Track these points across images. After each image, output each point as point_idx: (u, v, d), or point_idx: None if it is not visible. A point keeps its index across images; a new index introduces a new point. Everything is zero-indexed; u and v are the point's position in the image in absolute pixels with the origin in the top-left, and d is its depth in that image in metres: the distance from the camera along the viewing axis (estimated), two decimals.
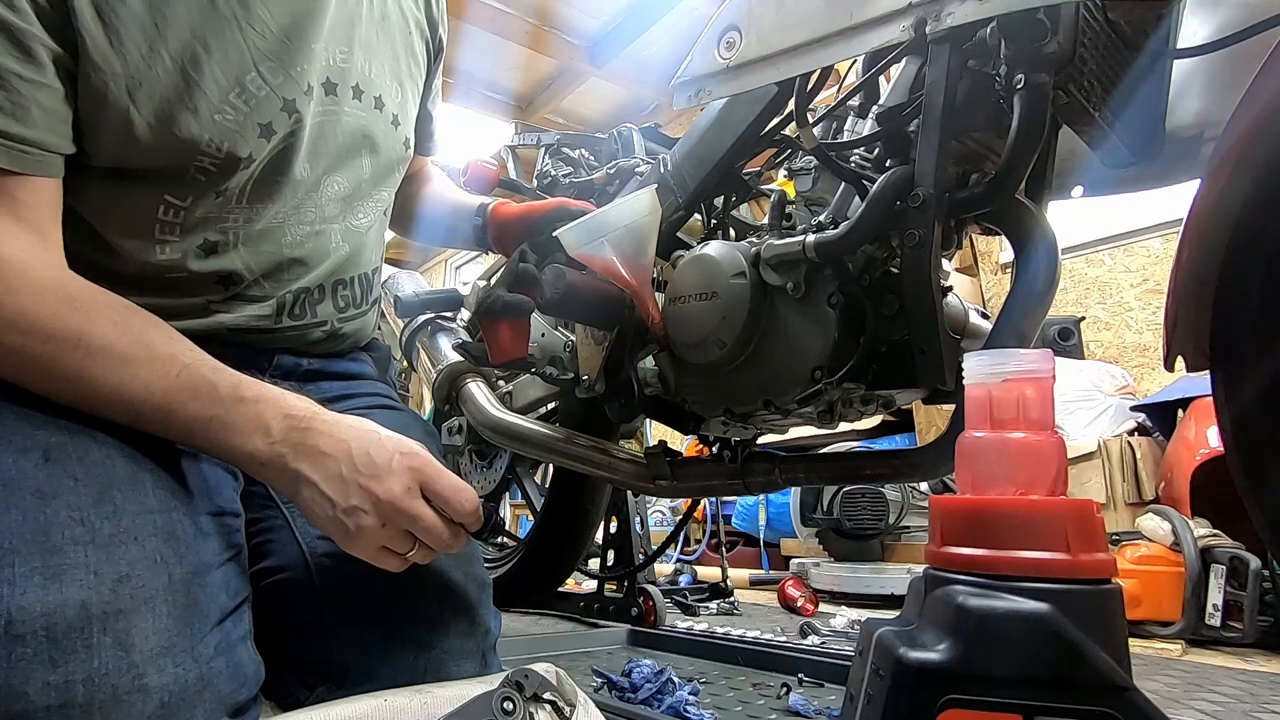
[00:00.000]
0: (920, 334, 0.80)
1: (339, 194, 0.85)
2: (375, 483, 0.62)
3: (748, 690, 1.05)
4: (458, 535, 0.66)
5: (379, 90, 0.86)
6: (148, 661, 0.53)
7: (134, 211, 0.72)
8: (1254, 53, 0.66)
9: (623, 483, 1.20)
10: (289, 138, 0.76)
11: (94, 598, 0.52)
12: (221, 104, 0.70)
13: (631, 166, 1.40)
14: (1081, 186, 0.97)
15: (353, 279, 0.92)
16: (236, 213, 0.76)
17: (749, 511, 3.14)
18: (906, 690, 0.45)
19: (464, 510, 0.65)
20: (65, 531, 0.53)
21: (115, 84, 0.64)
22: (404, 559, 0.65)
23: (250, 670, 0.63)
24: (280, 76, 0.74)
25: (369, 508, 0.61)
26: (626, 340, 0.98)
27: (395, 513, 0.62)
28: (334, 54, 0.80)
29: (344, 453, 0.62)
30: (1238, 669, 1.38)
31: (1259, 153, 0.58)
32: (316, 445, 0.62)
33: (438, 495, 0.64)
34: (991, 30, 0.78)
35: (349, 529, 0.62)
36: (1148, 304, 2.79)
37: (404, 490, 0.62)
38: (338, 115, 0.82)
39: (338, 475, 0.61)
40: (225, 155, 0.71)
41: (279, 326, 0.84)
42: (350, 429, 0.64)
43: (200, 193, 0.73)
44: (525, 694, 0.58)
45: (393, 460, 0.63)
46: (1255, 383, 0.62)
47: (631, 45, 4.09)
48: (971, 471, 0.52)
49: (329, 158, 0.83)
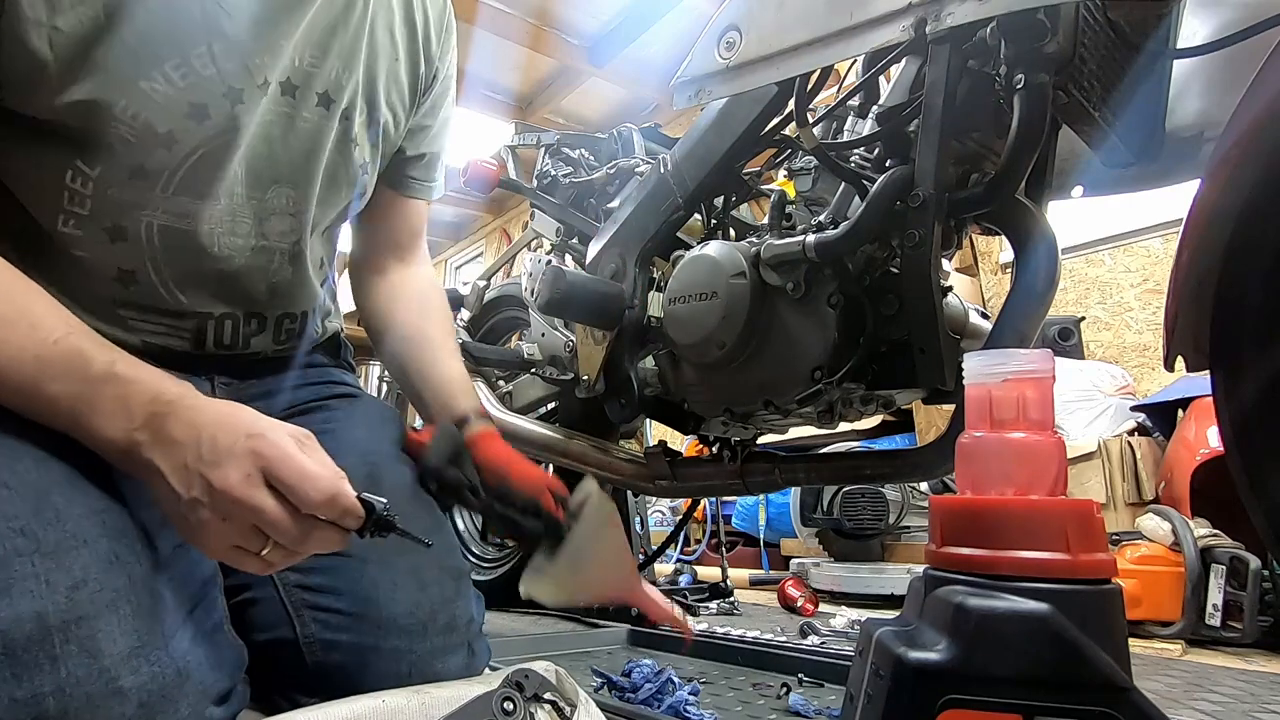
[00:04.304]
0: (920, 334, 0.80)
1: (285, 207, 0.79)
2: (213, 470, 0.53)
3: (748, 690, 1.05)
4: (314, 532, 0.55)
5: (348, 103, 0.81)
6: (120, 664, 0.52)
7: (43, 172, 0.68)
8: (1254, 53, 0.66)
9: (623, 483, 1.20)
10: (229, 131, 0.71)
11: (50, 608, 0.50)
12: (153, 71, 0.66)
13: (631, 166, 1.40)
14: (1081, 186, 0.97)
15: (298, 310, 0.87)
16: (159, 203, 0.71)
17: (749, 511, 3.14)
18: (906, 690, 0.45)
19: (310, 500, 0.54)
20: (6, 543, 0.50)
21: (38, 32, 0.61)
22: (262, 560, 0.56)
23: (230, 655, 0.62)
24: (233, 62, 0.69)
25: (206, 499, 0.53)
26: (626, 340, 0.98)
27: (232, 504, 0.53)
28: (303, 56, 0.75)
29: (195, 439, 0.54)
30: (1238, 669, 1.38)
31: (1259, 153, 0.58)
32: (171, 433, 0.55)
33: (281, 482, 0.54)
34: (991, 30, 0.78)
35: (191, 525, 0.55)
36: (1148, 304, 2.79)
37: (242, 478, 0.53)
38: (292, 118, 0.76)
39: (183, 465, 0.54)
40: (140, 126, 0.66)
41: (203, 354, 0.79)
42: (213, 413, 0.56)
43: (112, 166, 0.68)
44: (525, 694, 0.58)
45: (236, 444, 0.54)
46: (1255, 383, 0.62)
47: (631, 45, 4.09)
48: (971, 471, 0.52)
49: (277, 164, 0.77)
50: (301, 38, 0.74)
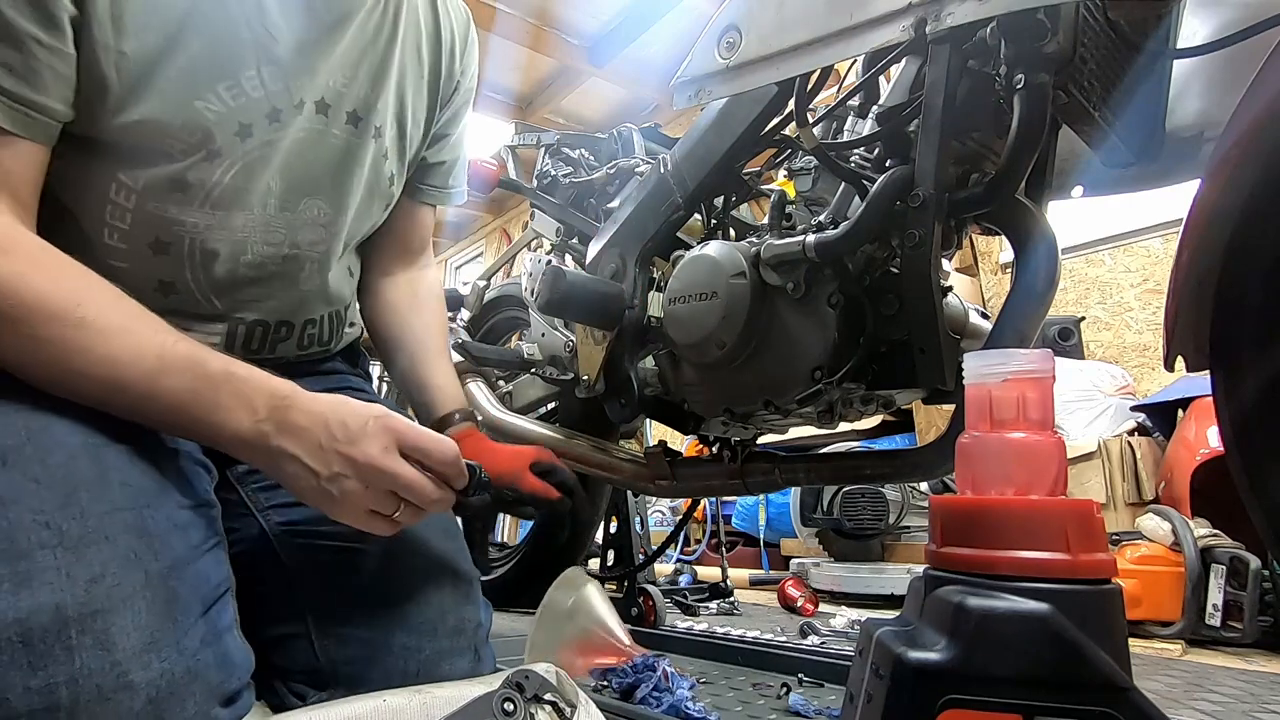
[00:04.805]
0: (920, 334, 0.80)
1: (316, 219, 0.83)
2: (353, 447, 0.62)
3: (748, 690, 1.05)
4: (442, 490, 0.67)
5: (380, 121, 0.85)
6: (131, 659, 0.53)
7: (88, 185, 0.70)
8: (1254, 53, 0.66)
9: (623, 483, 1.20)
10: (265, 147, 0.75)
11: (68, 600, 0.51)
12: (207, 92, 0.69)
13: (631, 166, 1.40)
14: (1081, 186, 0.97)
15: (323, 317, 0.90)
16: (197, 215, 0.74)
17: (749, 511, 3.14)
18: (906, 690, 0.45)
19: (445, 459, 0.66)
20: (31, 536, 0.52)
21: (105, 56, 0.64)
22: (392, 521, 0.66)
23: (239, 659, 0.62)
24: (278, 84, 0.74)
25: (350, 472, 0.62)
26: (626, 340, 0.98)
27: (375, 473, 0.63)
28: (335, 78, 0.79)
29: (321, 424, 0.63)
30: (1238, 669, 1.38)
31: (1259, 153, 0.58)
32: (296, 421, 0.63)
33: (415, 449, 0.65)
34: (991, 30, 0.78)
35: (334, 496, 0.63)
36: (1148, 304, 2.79)
37: (381, 450, 0.63)
38: (323, 135, 0.80)
39: (317, 446, 0.62)
40: (190, 143, 0.70)
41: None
42: (326, 402, 0.65)
43: (155, 179, 0.71)
44: (526, 694, 0.58)
45: (367, 424, 0.63)
46: (1255, 383, 0.62)
47: (631, 45, 4.09)
48: (971, 471, 0.52)
49: (309, 179, 0.81)
50: (337, 60, 0.78)
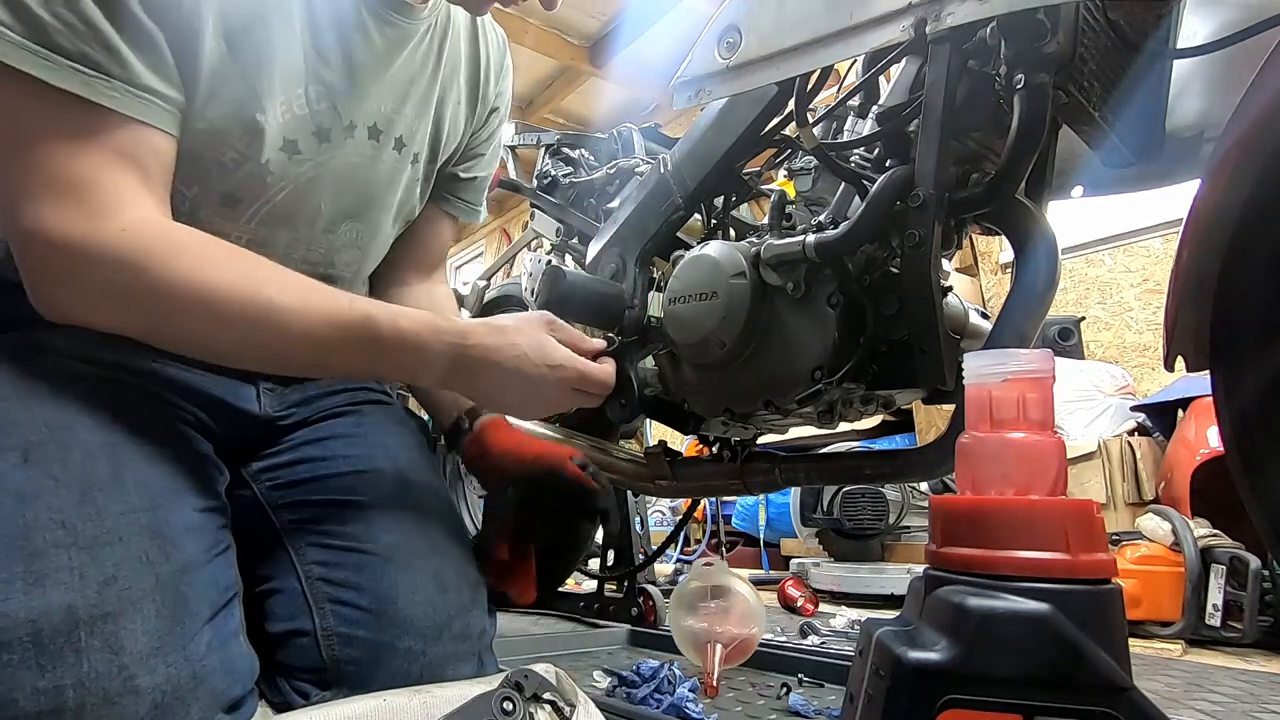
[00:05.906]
0: (920, 334, 0.80)
1: (353, 240, 0.86)
2: (549, 358, 0.76)
3: (748, 690, 1.05)
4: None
5: (418, 147, 0.88)
6: (138, 663, 0.53)
7: None
8: (1254, 53, 0.66)
9: (623, 483, 1.20)
10: (317, 167, 0.77)
11: (80, 601, 0.51)
12: (265, 103, 0.71)
13: (631, 166, 1.40)
14: (1081, 186, 0.97)
15: None
16: (241, 231, 0.76)
17: (749, 511, 3.14)
18: (906, 690, 0.45)
19: (591, 350, 0.82)
20: (47, 535, 0.52)
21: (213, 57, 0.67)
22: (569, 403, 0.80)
23: (244, 665, 0.62)
24: (325, 104, 0.76)
25: (552, 376, 0.76)
26: (626, 340, 0.98)
27: (575, 376, 0.77)
28: (385, 104, 0.82)
29: (502, 350, 0.74)
30: (1238, 669, 1.38)
31: (1259, 153, 0.58)
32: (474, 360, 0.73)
33: (582, 351, 0.80)
34: (991, 30, 0.78)
35: (540, 396, 0.76)
36: (1148, 304, 2.79)
37: (566, 356, 0.77)
38: (374, 161, 0.83)
39: (522, 356, 0.74)
40: (246, 154, 0.72)
41: None
42: (513, 321, 0.77)
43: (209, 189, 0.72)
44: (525, 694, 0.58)
45: (547, 341, 0.77)
46: (1255, 383, 0.62)
47: (631, 45, 4.09)
48: (971, 471, 0.52)
49: (356, 202, 0.83)
50: (386, 87, 0.81)
